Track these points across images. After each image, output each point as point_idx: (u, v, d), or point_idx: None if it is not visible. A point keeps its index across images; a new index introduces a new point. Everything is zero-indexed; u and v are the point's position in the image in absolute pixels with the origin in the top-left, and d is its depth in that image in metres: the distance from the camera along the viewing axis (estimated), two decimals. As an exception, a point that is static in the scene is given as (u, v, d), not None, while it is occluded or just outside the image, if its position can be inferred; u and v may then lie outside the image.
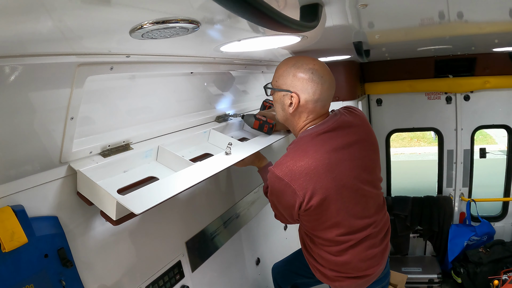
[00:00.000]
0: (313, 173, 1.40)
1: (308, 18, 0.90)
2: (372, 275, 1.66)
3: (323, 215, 1.48)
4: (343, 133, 1.51)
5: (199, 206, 2.02)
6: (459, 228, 3.84)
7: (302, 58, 1.49)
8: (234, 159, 1.65)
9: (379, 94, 4.13)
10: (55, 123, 1.12)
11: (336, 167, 1.45)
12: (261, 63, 2.11)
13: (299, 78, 1.45)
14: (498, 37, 2.11)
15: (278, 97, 1.54)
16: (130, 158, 1.45)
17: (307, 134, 1.49)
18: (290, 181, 1.40)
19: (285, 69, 1.49)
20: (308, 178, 1.40)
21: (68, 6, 0.63)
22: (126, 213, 1.23)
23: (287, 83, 1.48)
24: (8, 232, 0.98)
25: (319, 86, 1.45)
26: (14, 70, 0.89)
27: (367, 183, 1.57)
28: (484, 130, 7.67)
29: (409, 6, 1.10)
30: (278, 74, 1.52)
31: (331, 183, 1.43)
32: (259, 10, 0.56)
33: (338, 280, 1.66)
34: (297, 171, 1.40)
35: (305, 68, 1.45)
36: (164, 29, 0.83)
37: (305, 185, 1.40)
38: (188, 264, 1.87)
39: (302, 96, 1.46)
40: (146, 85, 1.50)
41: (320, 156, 1.43)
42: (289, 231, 3.23)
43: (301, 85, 1.45)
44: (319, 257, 1.66)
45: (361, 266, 1.62)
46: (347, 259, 1.59)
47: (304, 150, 1.45)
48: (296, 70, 1.46)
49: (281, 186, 1.43)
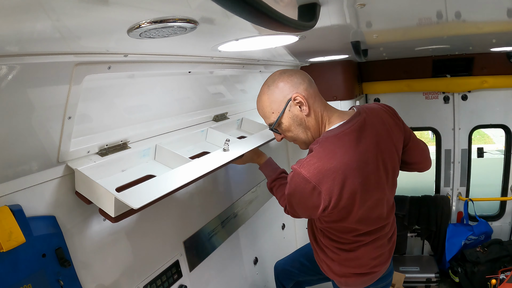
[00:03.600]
0: (341, 177, 1.34)
1: (306, 18, 0.90)
2: (378, 272, 1.69)
3: (345, 217, 1.46)
4: (368, 134, 1.46)
5: (196, 205, 2.02)
6: (456, 228, 3.85)
7: (265, 82, 1.53)
8: (232, 155, 1.65)
9: (377, 94, 4.13)
10: (52, 123, 1.12)
11: (363, 171, 1.40)
12: (259, 62, 2.11)
13: (280, 88, 1.47)
14: (495, 37, 2.12)
15: (288, 120, 1.50)
16: (128, 157, 1.45)
17: (333, 134, 1.42)
18: (318, 184, 1.33)
19: (265, 98, 1.51)
20: (336, 182, 1.34)
21: (66, 5, 0.62)
22: (125, 210, 1.23)
23: (279, 100, 1.47)
24: (6, 231, 0.98)
25: (295, 79, 1.46)
26: (11, 70, 0.89)
27: (387, 187, 1.55)
28: (481, 130, 7.69)
29: (407, 6, 1.10)
30: (266, 108, 1.52)
31: (358, 188, 1.38)
32: (258, 10, 0.56)
33: (345, 276, 1.68)
34: (325, 174, 1.33)
35: (271, 81, 1.50)
36: (162, 28, 0.82)
37: (332, 189, 1.34)
38: (186, 263, 1.87)
39: (299, 91, 1.45)
40: (144, 84, 1.49)
41: (348, 160, 1.36)
42: (286, 230, 3.24)
43: (288, 88, 1.46)
44: (330, 252, 1.67)
45: (370, 263, 1.64)
46: (358, 255, 1.61)
47: (333, 151, 1.38)
48: (273, 89, 1.48)
49: (307, 188, 1.35)
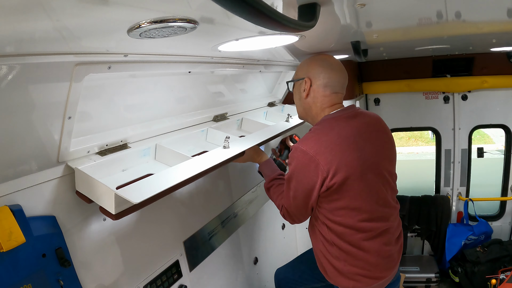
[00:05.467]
0: (338, 148, 1.43)
1: (306, 18, 0.90)
2: (388, 277, 1.63)
3: (345, 195, 1.47)
4: (365, 121, 1.62)
5: (196, 205, 2.02)
6: (456, 228, 3.85)
7: (319, 54, 1.74)
8: (232, 152, 1.65)
9: (377, 94, 4.13)
10: (52, 123, 1.12)
11: (361, 147, 1.50)
12: (259, 62, 2.11)
13: (311, 65, 1.65)
14: (496, 37, 2.12)
15: (295, 89, 1.73)
16: (128, 156, 1.45)
17: (331, 117, 1.59)
18: (315, 155, 1.42)
19: (305, 61, 1.70)
20: (334, 153, 1.42)
21: (66, 5, 0.62)
22: (126, 207, 1.21)
23: (303, 72, 1.67)
24: (6, 231, 0.98)
25: (328, 71, 1.61)
26: (11, 70, 0.89)
27: (388, 173, 1.61)
28: (481, 130, 7.70)
29: (407, 6, 1.10)
30: (297, 69, 1.73)
31: (356, 162, 1.45)
32: (258, 10, 0.56)
33: (354, 279, 1.59)
34: (322, 144, 1.44)
35: (318, 58, 1.67)
36: (162, 28, 0.82)
37: (330, 159, 1.41)
38: (186, 263, 1.87)
39: (313, 79, 1.62)
40: (144, 84, 1.49)
41: (346, 134, 1.49)
42: (286, 230, 3.24)
43: (312, 71, 1.63)
44: (337, 250, 1.58)
45: (380, 264, 1.58)
46: (368, 249, 1.54)
47: (330, 127, 1.53)
48: (310, 60, 1.67)
49: (305, 161, 1.44)
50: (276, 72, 2.62)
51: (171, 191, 1.30)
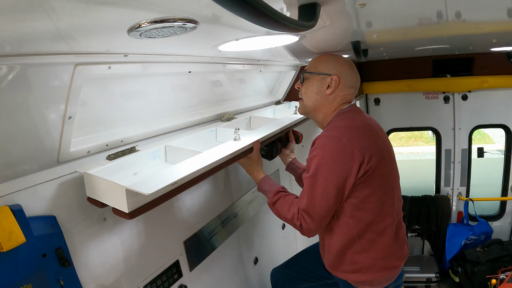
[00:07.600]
0: (368, 134, 1.50)
1: (306, 18, 0.90)
2: (399, 268, 1.66)
3: (377, 180, 1.49)
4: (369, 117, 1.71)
5: (197, 205, 2.02)
6: (457, 228, 3.85)
7: (336, 54, 1.74)
8: (243, 143, 1.64)
9: (377, 94, 4.14)
10: (53, 123, 1.12)
11: (380, 136, 1.58)
12: (259, 62, 2.11)
13: (340, 64, 1.65)
14: (496, 37, 2.11)
15: (314, 82, 1.68)
16: (137, 160, 1.44)
17: (349, 109, 1.64)
18: (349, 140, 1.43)
19: (326, 57, 1.69)
20: (365, 138, 1.47)
21: (66, 5, 0.62)
22: (139, 205, 1.16)
23: (329, 68, 1.65)
24: (6, 231, 0.98)
25: (353, 72, 1.67)
26: (11, 70, 0.89)
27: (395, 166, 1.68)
28: (482, 130, 7.69)
29: (407, 6, 1.10)
30: (318, 61, 1.70)
31: (381, 148, 1.53)
32: (258, 9, 0.56)
33: (370, 270, 1.57)
34: (353, 131, 1.47)
35: (343, 58, 1.69)
36: (162, 28, 0.82)
37: (363, 144, 1.44)
38: (186, 263, 1.87)
39: (342, 78, 1.63)
40: (144, 84, 1.49)
41: (367, 123, 1.59)
42: (286, 230, 3.24)
43: (342, 70, 1.64)
44: (363, 243, 1.55)
45: (395, 252, 1.60)
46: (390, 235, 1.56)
47: (353, 117, 1.58)
48: (337, 58, 1.68)
49: (339, 147, 1.43)
50: (276, 72, 2.62)
51: (185, 188, 1.27)
